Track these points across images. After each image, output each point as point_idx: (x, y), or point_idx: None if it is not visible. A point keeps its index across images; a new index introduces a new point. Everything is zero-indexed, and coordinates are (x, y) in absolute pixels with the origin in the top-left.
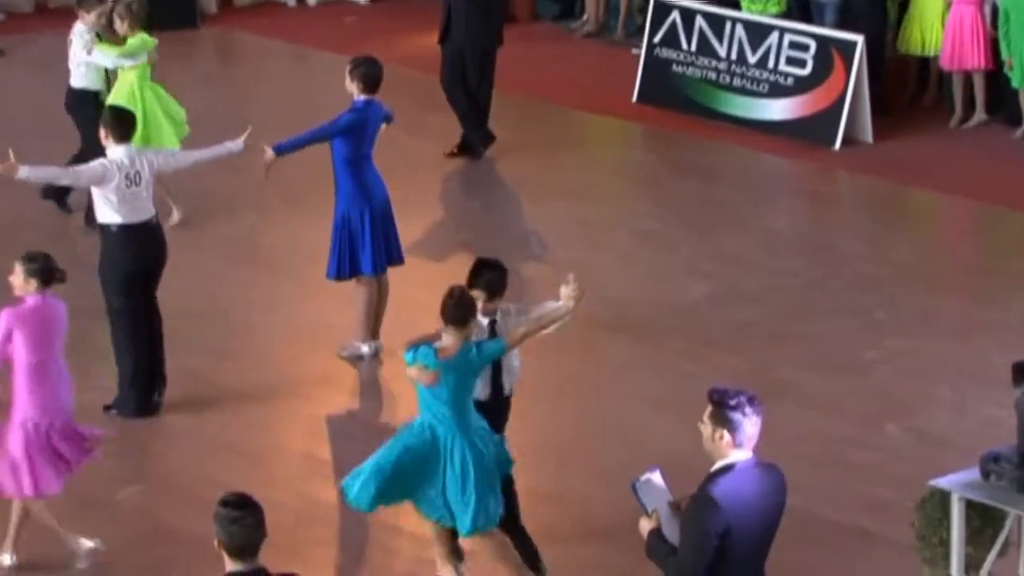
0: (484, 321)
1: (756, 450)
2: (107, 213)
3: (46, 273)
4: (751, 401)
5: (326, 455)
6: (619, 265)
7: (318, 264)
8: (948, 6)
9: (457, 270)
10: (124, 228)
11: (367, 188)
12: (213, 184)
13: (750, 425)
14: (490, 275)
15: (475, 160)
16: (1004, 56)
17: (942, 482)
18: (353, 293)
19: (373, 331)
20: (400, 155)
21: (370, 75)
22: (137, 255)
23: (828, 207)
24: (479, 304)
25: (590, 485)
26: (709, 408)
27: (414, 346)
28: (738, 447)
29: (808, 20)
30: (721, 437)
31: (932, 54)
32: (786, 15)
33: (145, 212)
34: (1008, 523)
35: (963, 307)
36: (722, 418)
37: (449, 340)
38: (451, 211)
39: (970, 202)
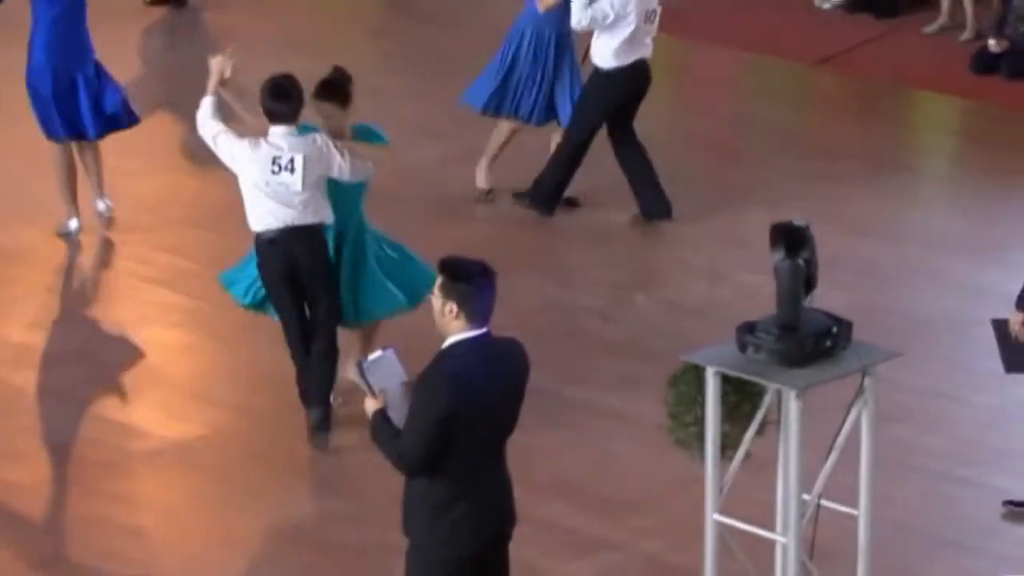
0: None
1: (490, 325)
2: None
3: None
4: (484, 272)
5: (28, 339)
6: None
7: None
8: None
9: (156, 132)
10: None
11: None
12: None
13: (482, 298)
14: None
15: (179, 8)
16: None
17: (696, 356)
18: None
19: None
20: (96, 2)
21: None
22: None
23: None
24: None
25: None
26: (439, 279)
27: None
28: (470, 322)
29: None
30: (451, 311)
31: None
32: None
33: None
34: (767, 399)
35: (717, 164)
36: (451, 290)
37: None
38: (152, 66)
39: (728, 51)
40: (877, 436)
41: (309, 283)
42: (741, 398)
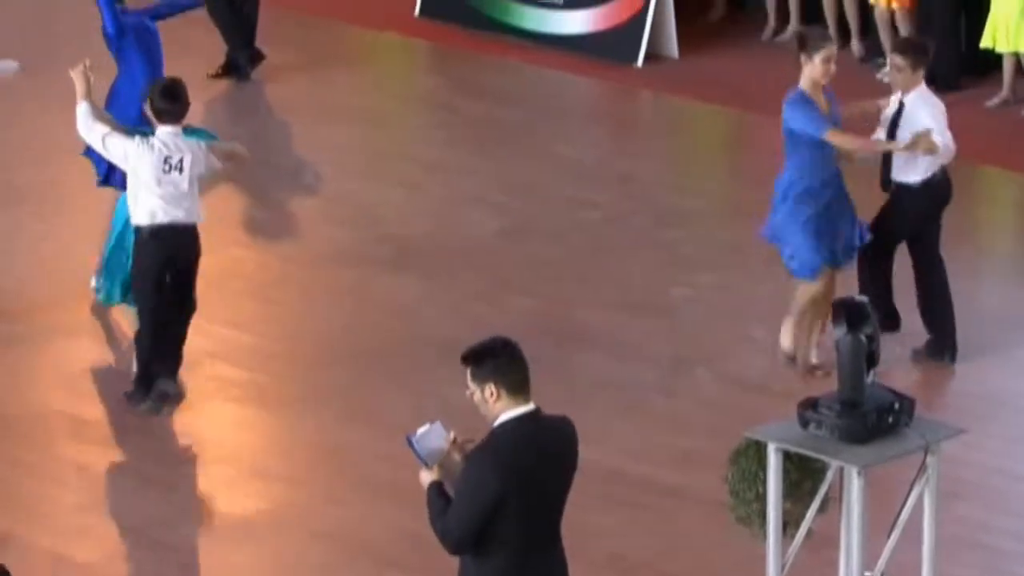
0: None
1: (546, 401)
2: None
3: None
4: (505, 344)
5: (88, 412)
6: (403, 197)
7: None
8: None
9: (219, 206)
10: None
11: None
12: None
13: (515, 368)
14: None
15: (242, 82)
16: None
17: (757, 432)
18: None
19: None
20: None
21: None
22: None
23: (631, 131)
24: None
25: (372, 440)
26: (468, 371)
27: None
28: (512, 397)
29: None
30: (492, 393)
31: None
32: None
33: None
34: (829, 476)
35: None
36: (484, 374)
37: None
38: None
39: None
40: (940, 514)
41: (182, 280)
42: (803, 475)
